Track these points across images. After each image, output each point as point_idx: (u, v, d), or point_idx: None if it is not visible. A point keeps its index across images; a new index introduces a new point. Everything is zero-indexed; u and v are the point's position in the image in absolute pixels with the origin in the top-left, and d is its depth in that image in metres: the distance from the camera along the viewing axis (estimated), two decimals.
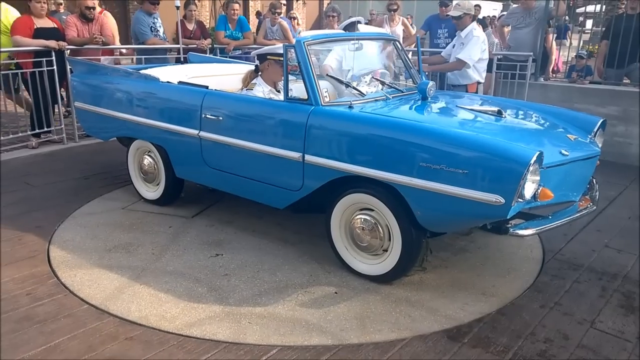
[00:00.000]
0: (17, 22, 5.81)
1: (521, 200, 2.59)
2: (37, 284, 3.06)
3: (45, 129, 6.08)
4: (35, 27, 5.80)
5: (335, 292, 3.03)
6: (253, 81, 3.92)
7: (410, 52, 7.64)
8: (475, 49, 5.13)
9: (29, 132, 6.02)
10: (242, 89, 3.99)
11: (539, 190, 2.70)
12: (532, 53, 6.21)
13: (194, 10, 7.25)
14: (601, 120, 3.55)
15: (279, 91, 3.86)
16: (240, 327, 2.68)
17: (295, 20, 8.74)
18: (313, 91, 3.20)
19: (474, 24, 5.25)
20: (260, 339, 2.59)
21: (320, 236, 3.53)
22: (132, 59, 7.21)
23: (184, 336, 2.60)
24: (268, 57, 3.88)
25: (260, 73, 3.95)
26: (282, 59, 3.73)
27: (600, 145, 3.40)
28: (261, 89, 3.81)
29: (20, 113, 6.30)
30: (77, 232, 3.77)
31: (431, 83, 3.47)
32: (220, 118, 3.60)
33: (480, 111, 3.37)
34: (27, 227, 3.82)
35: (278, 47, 3.91)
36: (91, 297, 2.93)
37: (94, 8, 6.25)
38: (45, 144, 6.16)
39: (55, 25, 6.07)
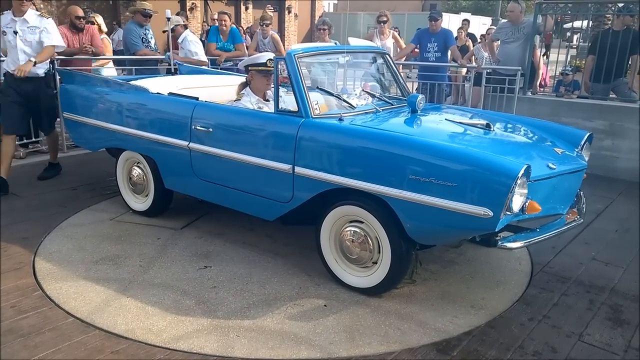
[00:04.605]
0: None
1: (509, 213, 2.60)
2: (22, 297, 3.01)
3: (33, 139, 6.03)
4: None
5: (325, 305, 3.01)
6: (242, 92, 3.94)
7: (401, 65, 7.73)
8: (199, 47, 6.64)
9: (17, 142, 5.96)
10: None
11: (526, 203, 2.72)
12: (520, 67, 6.29)
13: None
14: (588, 134, 3.59)
15: (267, 100, 3.87)
16: (228, 341, 2.65)
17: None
18: (303, 103, 3.22)
19: (187, 31, 6.71)
20: (248, 353, 2.56)
21: (310, 248, 3.52)
22: (123, 69, 7.22)
23: (171, 350, 2.57)
24: (249, 68, 3.90)
25: (248, 84, 3.97)
26: (261, 68, 3.79)
27: (587, 159, 3.44)
28: (249, 99, 3.83)
29: None
30: (63, 244, 3.73)
31: (421, 96, 3.50)
32: (211, 129, 3.59)
33: (469, 124, 3.40)
34: (13, 239, 3.77)
35: (257, 57, 3.95)
36: (77, 310, 2.89)
37: (83, 18, 6.24)
38: (32, 154, 6.11)
39: None
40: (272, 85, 3.63)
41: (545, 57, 9.77)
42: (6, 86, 4.91)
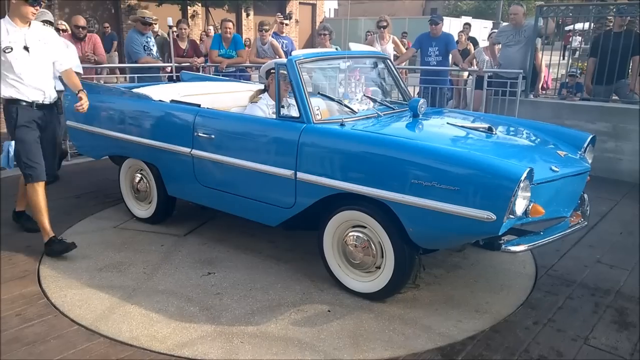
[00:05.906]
0: None
1: (512, 216, 2.60)
2: (26, 305, 3.02)
3: None
4: None
5: (328, 310, 3.01)
6: (260, 95, 3.94)
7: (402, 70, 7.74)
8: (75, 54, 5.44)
9: None
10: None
11: (530, 207, 2.72)
12: (522, 70, 6.29)
13: (184, 29, 7.31)
14: (591, 136, 3.59)
15: (283, 106, 3.86)
16: (233, 347, 2.65)
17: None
18: (305, 109, 3.23)
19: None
20: (252, 359, 2.56)
21: (313, 254, 3.52)
22: (125, 77, 7.25)
23: (176, 356, 2.57)
24: (271, 71, 3.90)
25: (267, 89, 3.96)
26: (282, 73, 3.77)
27: (590, 161, 3.43)
28: (265, 103, 3.83)
29: None
30: (67, 252, 3.73)
31: (422, 100, 3.50)
32: (213, 136, 3.60)
33: (471, 128, 3.40)
34: (18, 247, 3.79)
35: (280, 61, 3.93)
36: (81, 318, 2.89)
37: (83, 27, 6.28)
38: None
39: None
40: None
41: (563, 58, 9.75)
42: (27, 120, 3.67)
